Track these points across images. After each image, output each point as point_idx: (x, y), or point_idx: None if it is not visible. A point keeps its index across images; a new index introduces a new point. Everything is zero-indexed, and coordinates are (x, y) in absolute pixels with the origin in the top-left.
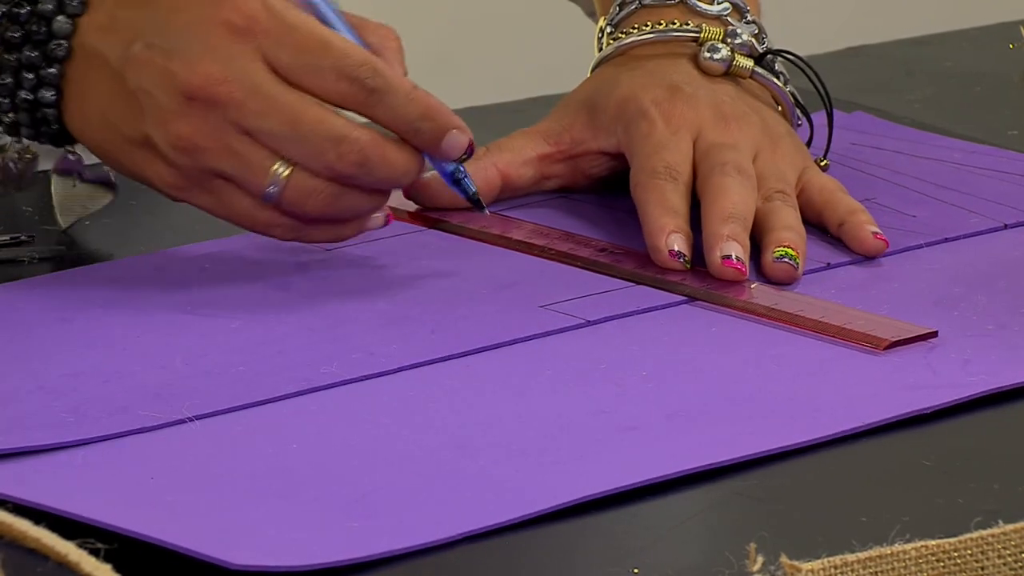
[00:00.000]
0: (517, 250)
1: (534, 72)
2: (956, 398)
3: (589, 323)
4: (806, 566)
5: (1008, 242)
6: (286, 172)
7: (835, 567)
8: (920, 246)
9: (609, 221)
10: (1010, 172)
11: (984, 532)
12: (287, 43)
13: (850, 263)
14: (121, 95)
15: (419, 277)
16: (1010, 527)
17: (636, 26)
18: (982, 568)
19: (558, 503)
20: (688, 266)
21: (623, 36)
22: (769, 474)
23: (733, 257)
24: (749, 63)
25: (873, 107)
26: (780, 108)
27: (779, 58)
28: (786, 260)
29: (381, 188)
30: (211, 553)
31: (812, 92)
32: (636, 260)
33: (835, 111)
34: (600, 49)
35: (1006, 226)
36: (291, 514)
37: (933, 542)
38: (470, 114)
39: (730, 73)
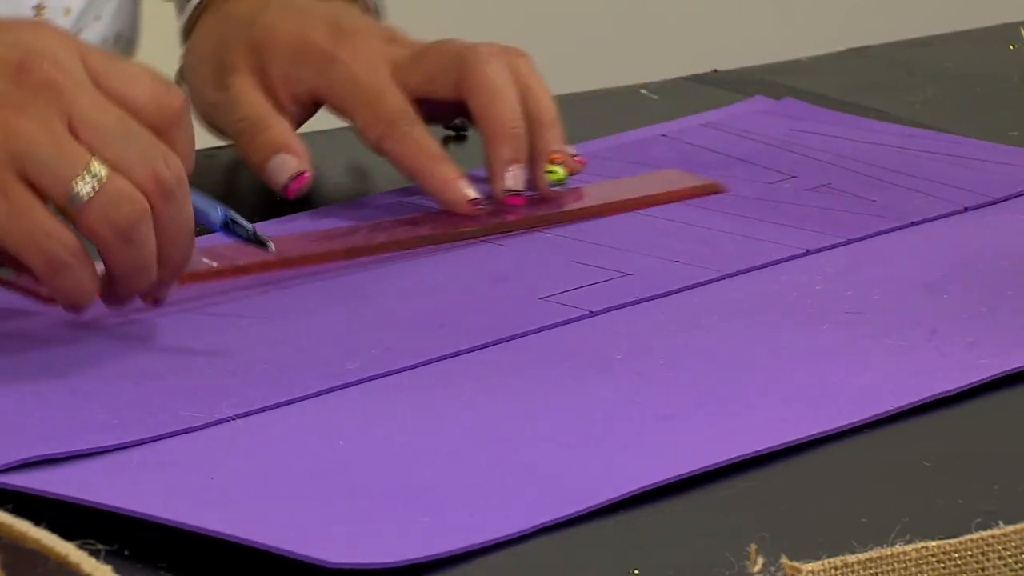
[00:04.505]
0: (358, 257)
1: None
2: (974, 380)
3: (592, 314)
4: (806, 567)
5: (972, 224)
6: (104, 171)
7: (835, 568)
8: (889, 230)
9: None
10: (956, 155)
11: (984, 533)
12: (95, 50)
13: (828, 248)
14: None
15: (409, 275)
16: (1010, 528)
17: None
18: (982, 569)
19: (626, 491)
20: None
21: None
22: (769, 474)
23: (513, 191)
24: None
25: (873, 107)
26: None
27: None
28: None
29: (167, 246)
30: (306, 552)
31: (817, 95)
32: (432, 223)
33: (761, 97)
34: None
35: (966, 209)
36: (361, 512)
37: (933, 543)
38: None
39: None
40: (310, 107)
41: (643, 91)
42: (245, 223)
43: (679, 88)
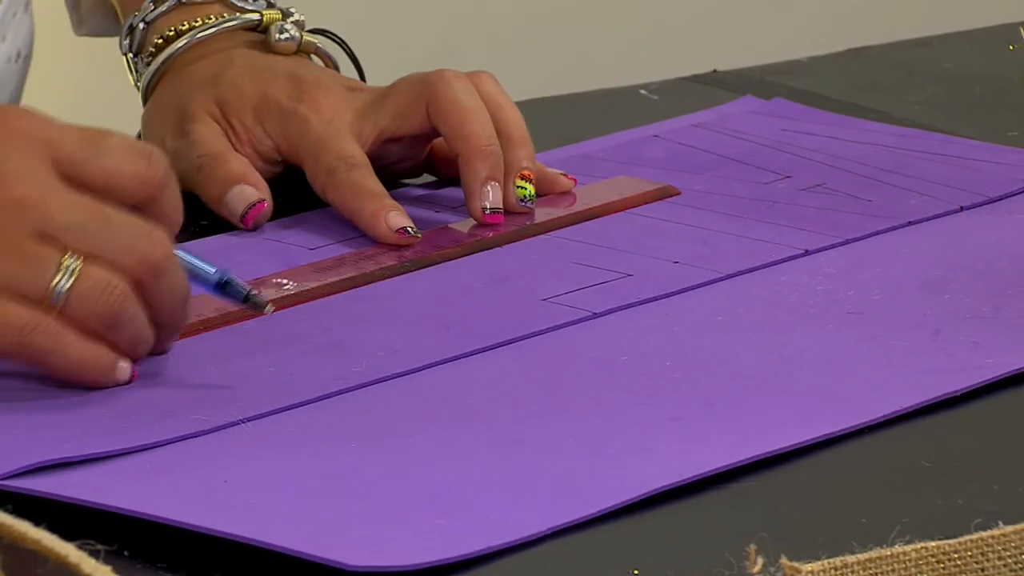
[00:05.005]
0: (366, 283)
1: (534, 72)
2: (980, 380)
3: (595, 315)
4: (806, 567)
5: (969, 224)
6: (77, 264)
7: (835, 568)
8: (887, 230)
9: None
10: (948, 155)
11: (984, 533)
12: (71, 139)
13: (827, 248)
14: None
15: (410, 278)
16: (1010, 528)
17: (173, 27)
18: (982, 569)
19: (644, 492)
20: (419, 235)
21: (172, 35)
22: (769, 475)
23: (492, 209)
24: (313, 38)
25: (873, 108)
26: None
27: (322, 38)
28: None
29: (163, 313)
30: (326, 555)
31: (817, 95)
32: (419, 245)
33: (751, 96)
34: (139, 48)
35: (962, 208)
36: (378, 515)
37: (933, 543)
38: None
39: (300, 51)
40: (277, 163)
41: (643, 91)
42: (240, 284)
43: (679, 88)
